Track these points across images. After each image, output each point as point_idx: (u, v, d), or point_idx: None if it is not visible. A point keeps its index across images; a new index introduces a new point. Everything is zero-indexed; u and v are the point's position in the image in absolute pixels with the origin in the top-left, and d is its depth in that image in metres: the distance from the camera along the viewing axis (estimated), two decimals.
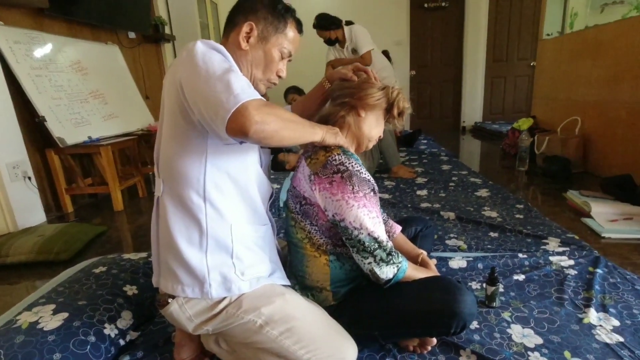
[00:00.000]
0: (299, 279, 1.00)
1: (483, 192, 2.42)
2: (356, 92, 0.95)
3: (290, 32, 0.90)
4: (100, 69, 2.92)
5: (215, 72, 0.72)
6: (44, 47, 2.44)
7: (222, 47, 0.80)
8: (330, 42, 2.99)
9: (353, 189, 0.86)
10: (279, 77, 0.93)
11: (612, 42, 2.63)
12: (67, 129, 2.37)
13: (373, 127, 0.98)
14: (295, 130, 0.78)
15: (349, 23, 2.95)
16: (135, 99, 3.26)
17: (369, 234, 0.86)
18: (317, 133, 0.86)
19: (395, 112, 0.97)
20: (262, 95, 0.76)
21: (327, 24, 2.87)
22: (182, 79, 0.75)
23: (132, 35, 3.45)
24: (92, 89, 2.75)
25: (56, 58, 2.52)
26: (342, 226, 0.87)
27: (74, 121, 2.46)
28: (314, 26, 2.92)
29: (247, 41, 0.87)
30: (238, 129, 0.68)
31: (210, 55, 0.75)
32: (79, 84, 2.64)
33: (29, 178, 2.21)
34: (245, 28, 0.86)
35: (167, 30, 3.88)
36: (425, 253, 1.09)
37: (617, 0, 2.78)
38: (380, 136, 1.01)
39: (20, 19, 2.34)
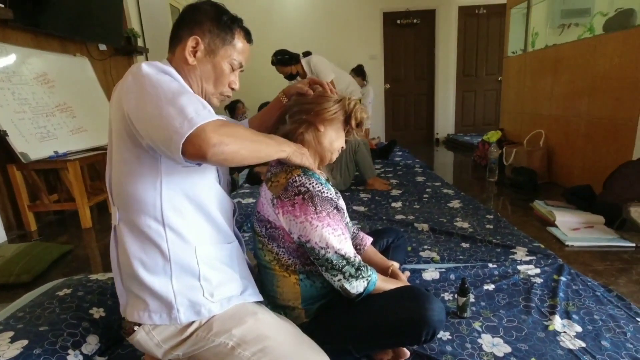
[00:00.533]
0: (270, 299, 0.99)
1: (455, 203, 2.50)
2: (313, 107, 0.94)
3: (239, 43, 0.88)
4: (68, 82, 2.83)
5: (165, 95, 0.69)
6: (7, 59, 2.35)
7: (169, 68, 0.79)
8: (291, 77, 3.06)
9: (316, 209, 0.86)
10: (232, 89, 0.91)
11: (570, 60, 2.81)
12: (31, 144, 2.27)
13: (334, 140, 0.97)
14: (257, 150, 0.76)
15: (306, 54, 3.03)
16: (105, 112, 3.17)
17: (335, 252, 0.86)
18: (284, 150, 0.85)
19: (354, 123, 0.97)
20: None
21: (286, 60, 2.94)
22: (129, 106, 0.72)
23: (102, 47, 3.37)
24: (59, 102, 2.66)
25: (20, 70, 2.43)
26: (309, 247, 0.87)
27: (39, 135, 2.37)
28: (273, 63, 3.00)
29: (194, 56, 0.84)
30: (195, 153, 0.66)
31: (158, 77, 0.73)
32: (44, 97, 2.55)
33: None
34: (190, 42, 0.83)
35: (139, 43, 3.82)
36: (396, 264, 1.10)
37: (573, 23, 2.98)
38: (343, 147, 1.02)
39: None
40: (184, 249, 0.82)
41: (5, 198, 2.29)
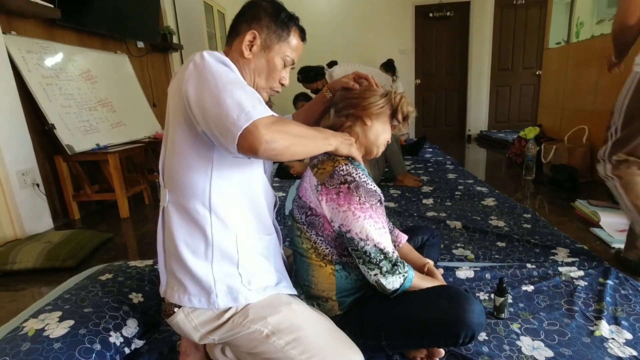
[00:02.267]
0: (304, 289, 0.99)
1: (489, 201, 2.41)
2: (359, 102, 0.95)
3: (294, 40, 0.90)
4: (109, 78, 2.96)
5: (224, 86, 0.71)
6: (55, 57, 2.48)
7: (227, 60, 0.80)
8: (317, 91, 3.06)
9: (360, 199, 0.86)
10: (282, 85, 0.93)
11: None
12: (76, 137, 2.40)
13: (380, 133, 0.98)
14: (306, 145, 0.78)
15: (331, 65, 3.01)
16: (142, 107, 3.30)
17: (375, 245, 0.85)
18: (330, 144, 0.86)
19: (400, 116, 0.97)
20: (265, 103, 0.76)
21: (311, 77, 2.95)
22: (188, 92, 0.74)
23: (140, 44, 3.50)
24: (100, 97, 2.79)
25: (66, 67, 2.56)
26: (348, 237, 0.87)
27: (83, 129, 2.50)
28: (299, 80, 3.02)
29: (250, 50, 0.87)
30: (248, 148, 0.68)
31: (218, 68, 0.75)
32: (88, 93, 2.68)
33: (38, 185, 2.23)
34: (248, 36, 0.86)
35: (174, 40, 3.94)
36: (431, 262, 1.08)
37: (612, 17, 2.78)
38: (388, 141, 1.01)
39: (33, 29, 2.39)
40: (226, 235, 0.84)
41: (52, 188, 2.44)
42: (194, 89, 0.74)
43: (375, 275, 0.86)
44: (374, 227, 0.86)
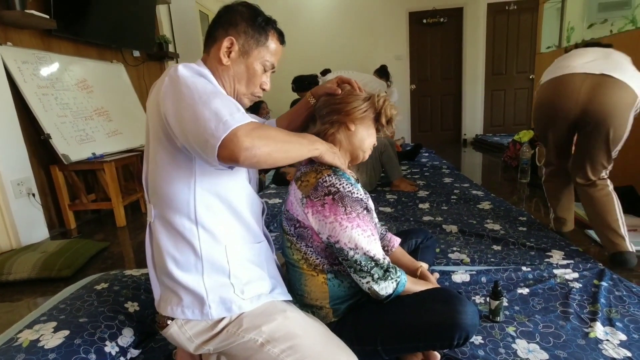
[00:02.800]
0: (298, 298, 0.99)
1: (485, 205, 2.42)
2: (342, 107, 0.94)
3: (272, 44, 0.89)
4: (105, 87, 2.98)
5: (200, 98, 0.71)
6: (51, 67, 2.50)
7: (204, 70, 0.80)
8: None
9: (345, 210, 0.85)
10: (263, 89, 0.92)
11: None
12: (72, 146, 2.40)
13: (365, 138, 0.97)
14: (289, 151, 0.77)
15: (324, 73, 3.06)
16: (138, 115, 3.31)
17: (364, 254, 0.85)
18: (317, 148, 0.85)
19: (384, 119, 0.96)
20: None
21: (304, 86, 3.00)
22: (166, 108, 0.74)
23: (136, 53, 3.52)
24: (97, 106, 2.80)
25: (62, 77, 2.57)
26: (337, 247, 0.87)
27: (79, 138, 2.50)
28: (293, 90, 3.06)
29: (229, 56, 0.85)
30: (228, 157, 0.67)
31: (194, 80, 0.74)
32: (84, 102, 2.69)
33: (33, 195, 2.23)
34: (225, 43, 0.84)
35: (170, 49, 3.96)
36: (424, 266, 1.08)
37: (604, 20, 2.83)
38: (374, 144, 1.00)
39: (29, 40, 2.40)
40: (215, 247, 0.83)
41: (48, 198, 2.43)
42: (170, 104, 0.73)
43: (367, 282, 0.87)
44: (362, 236, 0.86)
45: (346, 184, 0.88)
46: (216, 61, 0.86)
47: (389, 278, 0.87)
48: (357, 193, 0.89)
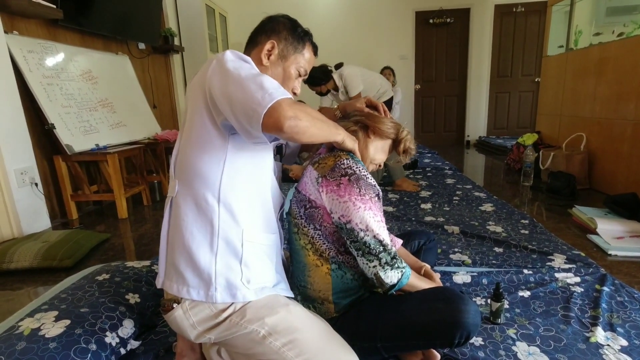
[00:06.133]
0: (300, 290, 0.99)
1: (487, 207, 2.41)
2: (372, 116, 1.02)
3: (307, 53, 0.98)
4: (110, 79, 2.97)
5: (247, 75, 0.75)
6: (56, 57, 2.49)
7: (249, 58, 0.84)
8: (322, 94, 3.07)
9: (360, 191, 0.87)
10: (294, 93, 0.98)
11: (617, 60, 2.65)
12: (76, 137, 2.41)
13: (378, 151, 1.03)
14: (322, 129, 0.81)
15: (338, 66, 3.02)
16: (142, 108, 3.31)
17: (374, 237, 0.87)
18: (339, 134, 0.90)
19: (401, 148, 1.04)
20: None
21: (317, 81, 2.96)
22: (212, 84, 0.78)
23: (142, 46, 3.52)
24: (101, 97, 2.80)
25: (68, 67, 2.57)
26: (348, 228, 0.87)
27: (83, 129, 2.50)
28: (305, 82, 3.01)
29: (268, 58, 0.93)
30: (273, 124, 0.70)
31: (240, 63, 0.79)
32: (88, 93, 2.69)
33: (36, 184, 2.23)
34: (267, 46, 0.93)
35: (176, 42, 3.96)
36: (428, 266, 1.08)
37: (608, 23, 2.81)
38: (380, 165, 1.07)
39: (35, 29, 2.40)
40: (233, 228, 0.85)
41: (50, 188, 2.44)
42: (218, 81, 0.77)
43: (374, 267, 0.87)
44: (373, 219, 0.87)
45: (362, 168, 0.91)
46: (256, 62, 0.91)
47: (396, 266, 0.88)
48: (371, 180, 0.92)
